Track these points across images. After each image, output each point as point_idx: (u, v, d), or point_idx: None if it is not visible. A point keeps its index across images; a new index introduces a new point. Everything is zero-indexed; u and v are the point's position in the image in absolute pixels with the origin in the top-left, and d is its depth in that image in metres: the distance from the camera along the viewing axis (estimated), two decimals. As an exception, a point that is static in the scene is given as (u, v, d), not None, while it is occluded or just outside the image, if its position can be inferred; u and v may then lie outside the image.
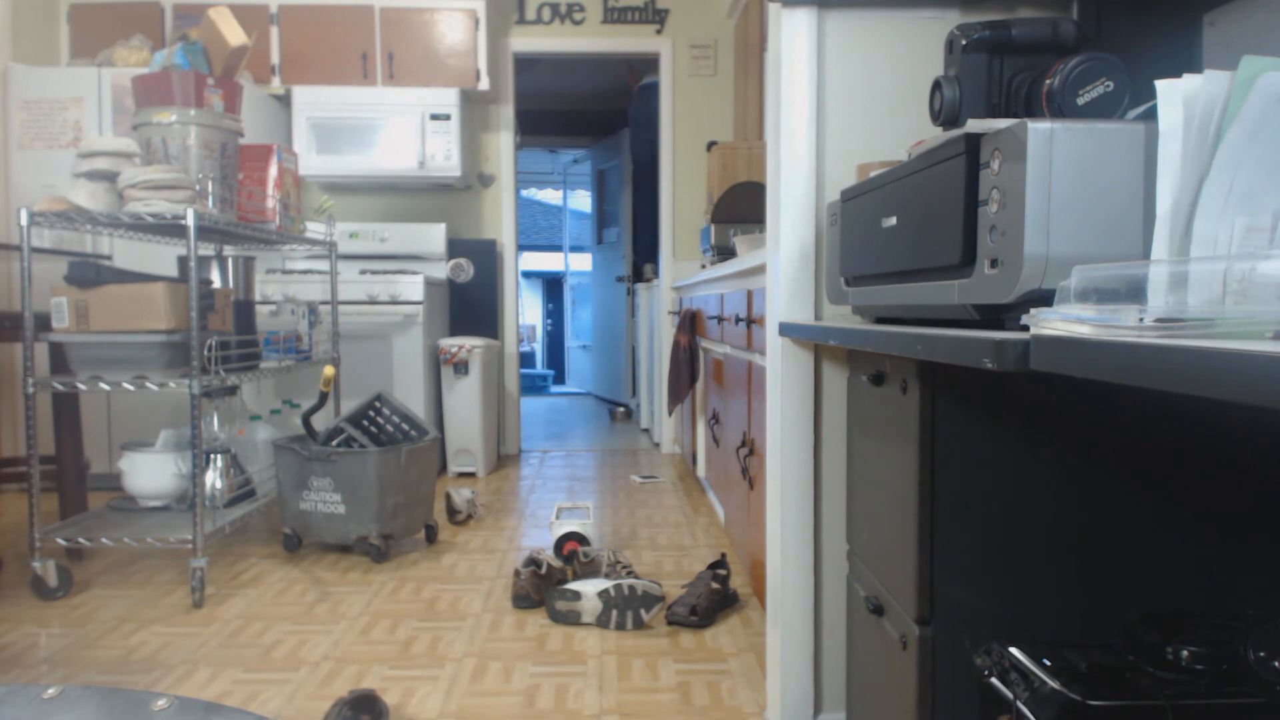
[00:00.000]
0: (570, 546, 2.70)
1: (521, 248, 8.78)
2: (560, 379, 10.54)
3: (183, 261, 2.99)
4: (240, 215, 2.81)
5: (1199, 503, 1.10)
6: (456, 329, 4.82)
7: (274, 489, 3.00)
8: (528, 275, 11.59)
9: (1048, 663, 0.91)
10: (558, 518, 2.94)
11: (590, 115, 7.93)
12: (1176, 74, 0.71)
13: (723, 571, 2.41)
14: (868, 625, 1.34)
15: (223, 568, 2.79)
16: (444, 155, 4.34)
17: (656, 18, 4.91)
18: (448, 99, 4.33)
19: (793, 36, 1.54)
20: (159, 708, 0.67)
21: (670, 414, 4.86)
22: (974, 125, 0.89)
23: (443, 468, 4.41)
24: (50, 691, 0.69)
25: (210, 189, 2.58)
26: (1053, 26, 1.03)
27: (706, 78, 4.97)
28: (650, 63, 6.36)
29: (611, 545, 3.01)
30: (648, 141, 6.41)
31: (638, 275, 7.04)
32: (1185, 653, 0.89)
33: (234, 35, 2.72)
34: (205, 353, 2.45)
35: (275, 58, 4.32)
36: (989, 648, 0.99)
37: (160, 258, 3.86)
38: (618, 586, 2.26)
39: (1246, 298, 0.54)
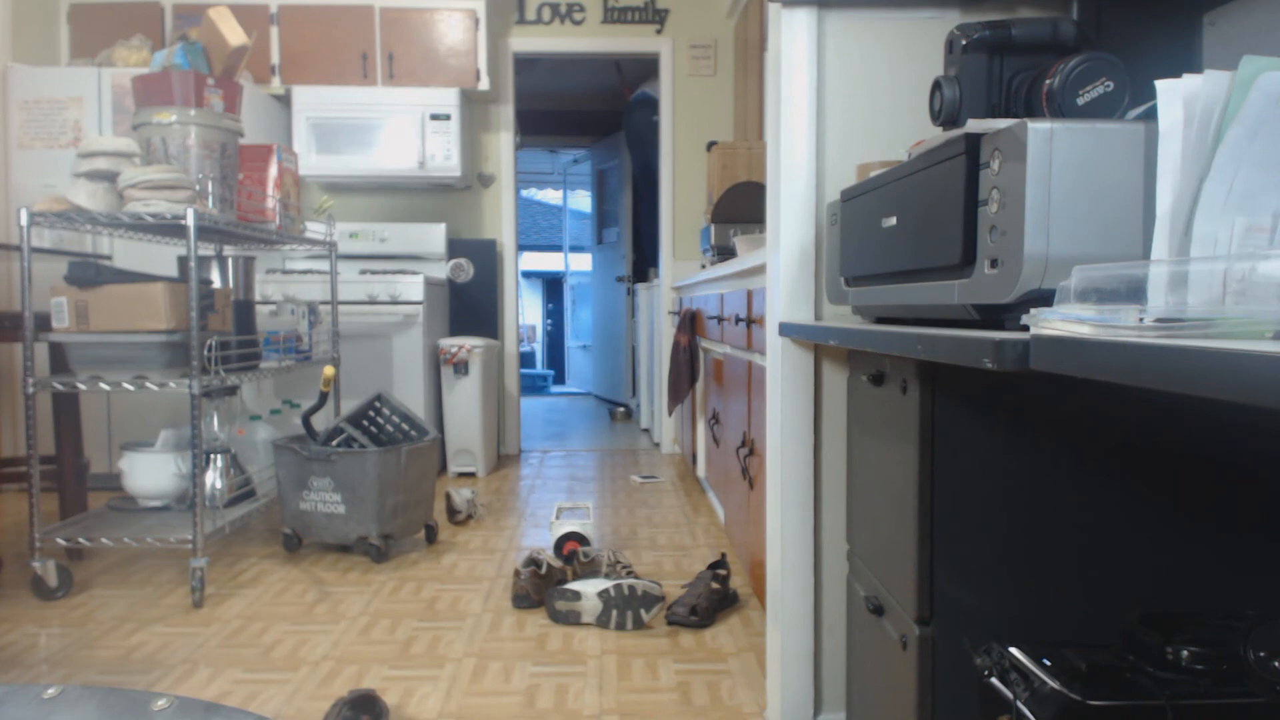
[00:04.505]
0: (570, 546, 2.70)
1: (521, 248, 8.78)
2: (560, 379, 10.53)
3: (183, 261, 2.99)
4: (240, 215, 2.81)
5: (1199, 503, 1.10)
6: (456, 329, 4.82)
7: (274, 489, 3.00)
8: (528, 275, 11.59)
9: (1048, 663, 0.91)
10: (558, 518, 2.93)
11: (590, 115, 7.93)
12: (1176, 74, 0.71)
13: (723, 571, 2.41)
14: (868, 625, 1.34)
15: (223, 568, 2.79)
16: (444, 155, 4.34)
17: (656, 18, 4.91)
18: (448, 99, 4.33)
19: (793, 36, 1.54)
20: (159, 708, 0.67)
21: (670, 414, 4.86)
22: (974, 125, 0.89)
23: (443, 468, 4.41)
24: (50, 691, 0.69)
25: (210, 189, 2.58)
26: (1053, 26, 1.03)
27: (706, 78, 4.97)
28: (642, 66, 6.36)
29: (611, 545, 3.01)
30: (643, 157, 6.42)
31: (638, 275, 7.05)
32: (1185, 653, 0.89)
33: (234, 35, 2.72)
34: (205, 353, 2.45)
35: (275, 58, 4.32)
36: (989, 648, 0.99)
37: (160, 258, 3.86)
38: (618, 586, 2.26)
39: (1246, 298, 0.54)
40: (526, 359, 10.79)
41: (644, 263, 6.94)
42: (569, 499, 3.77)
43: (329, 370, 2.97)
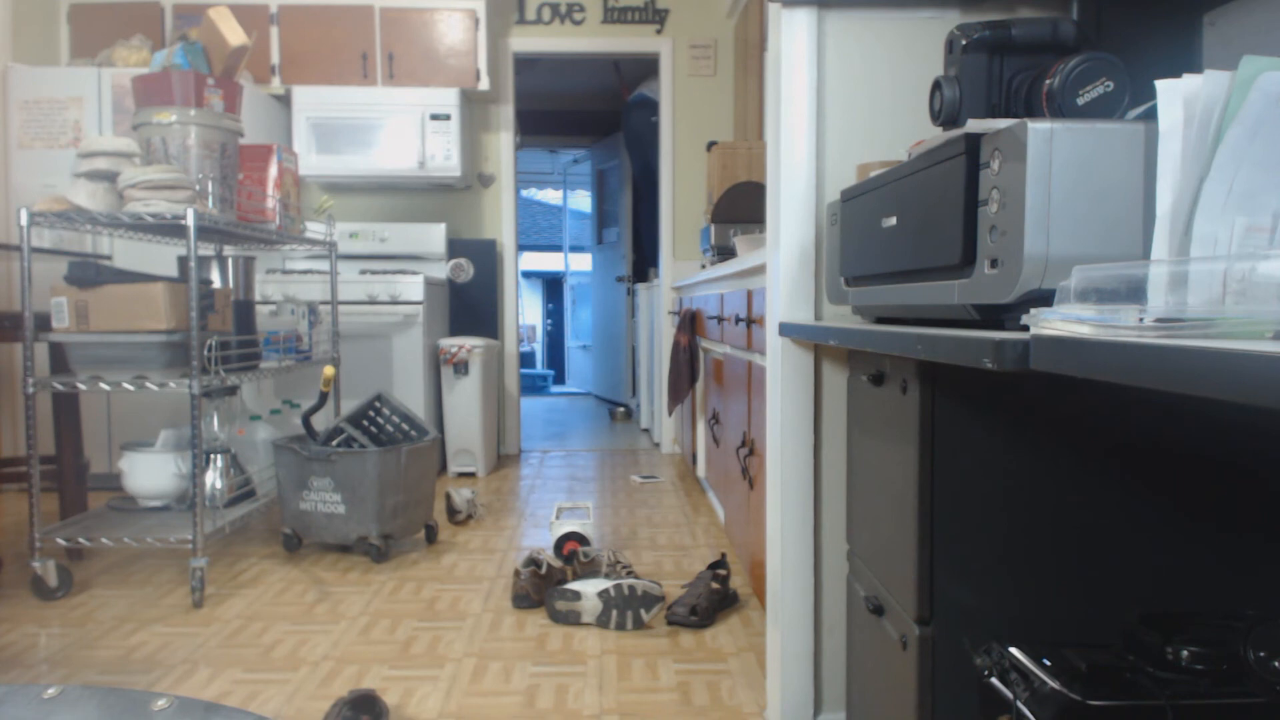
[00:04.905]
0: (570, 546, 2.70)
1: (521, 248, 8.78)
2: (560, 379, 10.54)
3: (183, 261, 2.99)
4: (240, 215, 2.81)
5: (1199, 503, 1.10)
6: (456, 329, 4.82)
7: (274, 489, 3.00)
8: (528, 275, 11.59)
9: (1048, 663, 0.91)
10: (558, 518, 2.93)
11: (590, 115, 7.94)
12: (1176, 74, 0.71)
13: (723, 571, 2.41)
14: (868, 625, 1.34)
15: (223, 568, 2.79)
16: (444, 155, 4.34)
17: (656, 18, 4.91)
18: (448, 99, 4.33)
19: (793, 36, 1.54)
20: (159, 708, 0.67)
21: (670, 414, 4.86)
22: (974, 125, 0.89)
23: (443, 468, 4.41)
24: (50, 691, 0.69)
25: (210, 189, 2.58)
26: (1053, 26, 1.03)
27: (706, 78, 4.97)
28: (640, 66, 6.36)
29: (611, 545, 3.01)
30: (642, 158, 6.42)
31: (638, 275, 7.05)
32: (1185, 653, 0.89)
33: (234, 35, 2.71)
34: (205, 353, 2.45)
35: (275, 58, 4.32)
36: (989, 648, 0.99)
37: (160, 258, 3.86)
38: (618, 586, 2.26)
39: (1246, 298, 0.54)
40: (526, 359, 10.79)
41: (644, 263, 6.94)
42: (569, 499, 3.77)
43: (329, 370, 2.97)
